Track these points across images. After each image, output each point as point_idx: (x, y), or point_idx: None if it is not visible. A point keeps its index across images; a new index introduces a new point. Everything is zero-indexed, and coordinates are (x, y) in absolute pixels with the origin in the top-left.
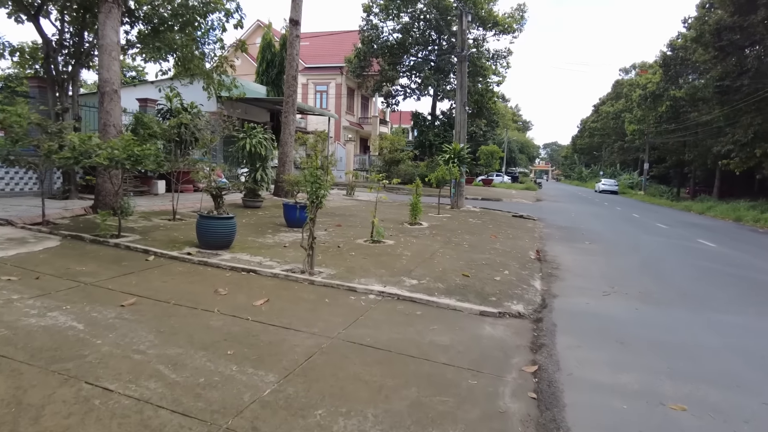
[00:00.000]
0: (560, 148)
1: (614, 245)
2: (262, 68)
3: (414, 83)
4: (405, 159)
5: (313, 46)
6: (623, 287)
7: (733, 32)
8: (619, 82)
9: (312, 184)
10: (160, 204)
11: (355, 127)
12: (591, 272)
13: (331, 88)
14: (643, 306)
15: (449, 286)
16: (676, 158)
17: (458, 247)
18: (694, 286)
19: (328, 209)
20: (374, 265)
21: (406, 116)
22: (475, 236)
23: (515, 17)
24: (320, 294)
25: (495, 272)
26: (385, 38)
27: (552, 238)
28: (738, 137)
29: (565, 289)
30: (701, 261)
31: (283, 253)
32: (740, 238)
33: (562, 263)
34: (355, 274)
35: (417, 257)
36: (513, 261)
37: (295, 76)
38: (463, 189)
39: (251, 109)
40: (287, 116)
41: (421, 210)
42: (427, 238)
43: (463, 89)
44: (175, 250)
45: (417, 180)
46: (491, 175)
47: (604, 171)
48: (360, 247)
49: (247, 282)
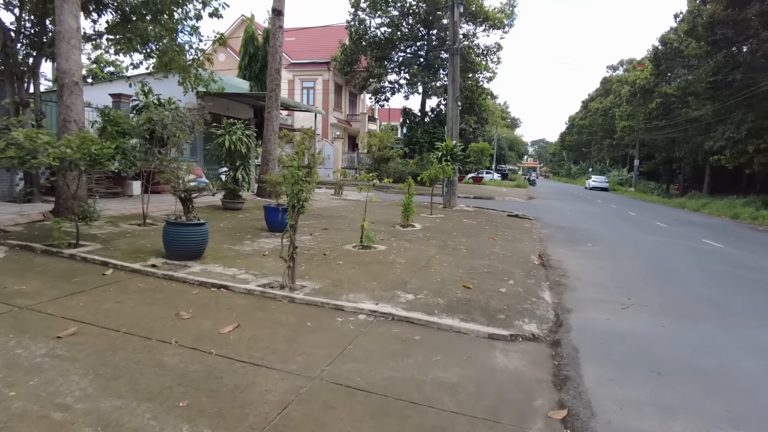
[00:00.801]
0: (548, 145)
1: (618, 247)
2: (244, 62)
3: (403, 79)
4: (394, 157)
5: (299, 42)
6: (640, 297)
7: (726, 26)
8: (608, 79)
9: (293, 186)
10: (133, 207)
11: (343, 125)
12: (601, 279)
13: (318, 84)
14: (668, 321)
15: (450, 302)
16: (666, 155)
17: (456, 252)
18: (715, 295)
19: (314, 210)
20: (364, 276)
21: (395, 113)
22: (472, 239)
23: (505, 12)
24: (301, 315)
25: (499, 282)
26: (373, 33)
27: (552, 240)
28: (730, 133)
29: (578, 301)
30: (713, 264)
31: (262, 263)
32: (744, 238)
33: (568, 269)
34: (342, 287)
35: (412, 265)
36: (516, 267)
37: (279, 70)
38: (456, 188)
39: (234, 105)
40: (270, 112)
41: (413, 211)
42: (421, 242)
43: (455, 83)
44: (138, 261)
45: (409, 179)
46: (481, 172)
47: (593, 168)
48: (348, 253)
49: (217, 301)
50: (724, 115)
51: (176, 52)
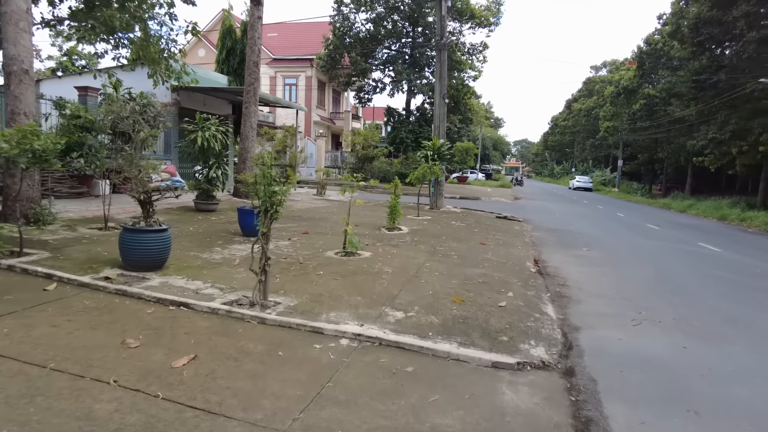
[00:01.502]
0: (530, 145)
1: (615, 252)
2: (222, 56)
3: (387, 77)
4: (379, 156)
5: (281, 37)
6: (651, 311)
7: (711, 26)
8: (591, 79)
9: (265, 188)
10: (96, 209)
11: (326, 122)
12: (605, 289)
13: (301, 81)
14: (688, 341)
15: (446, 320)
16: (648, 155)
17: (447, 258)
18: (730, 308)
19: (294, 212)
20: (347, 289)
21: (379, 112)
22: (462, 243)
23: (492, 10)
24: (272, 341)
25: (496, 294)
26: (357, 29)
27: (545, 244)
28: (713, 134)
29: (584, 316)
30: (717, 270)
31: (231, 274)
32: (739, 240)
33: (567, 277)
34: (322, 304)
35: (400, 275)
36: (512, 276)
37: (257, 63)
38: (443, 188)
39: (211, 101)
40: (248, 107)
41: (400, 213)
42: (409, 247)
43: (442, 80)
44: (89, 273)
45: (396, 180)
46: (466, 172)
47: (576, 168)
48: (330, 262)
49: (174, 323)
50: (707, 116)
51: (145, 42)
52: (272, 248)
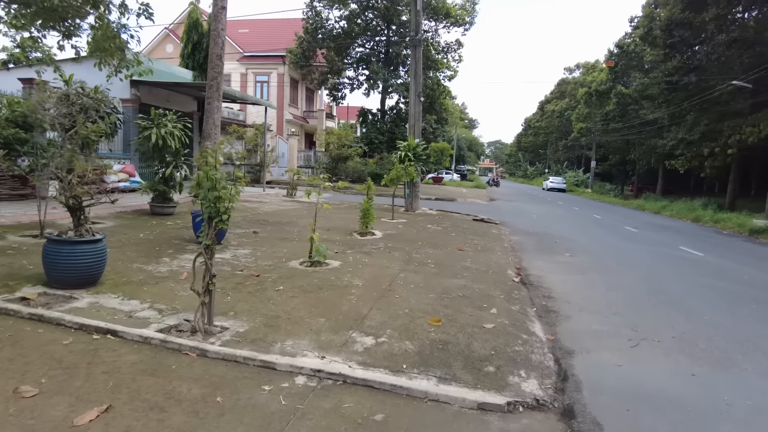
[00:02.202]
0: (504, 146)
1: (598, 258)
2: (187, 50)
3: (361, 75)
4: (353, 156)
5: (252, 34)
6: (647, 329)
7: (683, 29)
8: (564, 81)
9: (208, 193)
10: (35, 213)
11: (299, 121)
12: (593, 302)
13: (273, 78)
14: (696, 367)
15: (422, 347)
16: (620, 156)
17: (423, 267)
18: (729, 323)
19: (260, 215)
20: (310, 308)
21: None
22: (439, 249)
23: (467, 9)
24: (212, 381)
25: (478, 311)
26: (330, 26)
27: (526, 249)
28: (683, 135)
29: (576, 336)
30: (706, 278)
31: (176, 291)
32: (718, 243)
33: (552, 288)
34: (278, 329)
35: (371, 289)
36: (494, 288)
37: (221, 56)
38: (419, 189)
39: (175, 97)
40: (211, 103)
41: (373, 217)
42: (382, 254)
43: (417, 78)
44: (5, 292)
45: (369, 181)
46: (441, 172)
47: (549, 169)
48: (293, 273)
49: (93, 358)
50: (678, 118)
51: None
52: (229, 258)
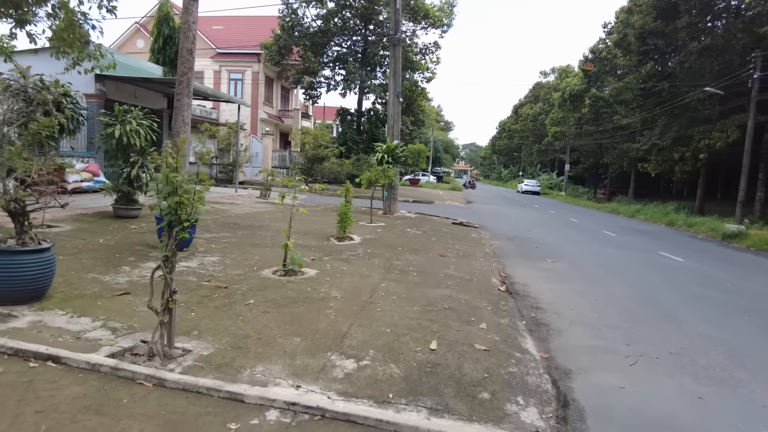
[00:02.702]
0: (478, 149)
1: (581, 264)
2: (158, 45)
3: (338, 75)
4: (330, 156)
5: (227, 30)
6: (643, 343)
7: (656, 37)
8: (539, 85)
9: (167, 198)
10: None
11: (274, 120)
12: (584, 313)
13: (247, 76)
14: (701, 388)
15: (410, 370)
16: (593, 160)
17: (405, 276)
18: (725, 336)
19: (231, 218)
20: (283, 325)
21: (330, 111)
22: (421, 256)
23: (445, 11)
24: (168, 420)
25: (466, 326)
26: (307, 24)
27: (507, 255)
28: (655, 139)
29: (571, 353)
30: (692, 286)
31: (134, 306)
32: (695, 248)
33: (539, 297)
34: (247, 351)
35: (351, 301)
36: (480, 299)
37: (191, 50)
38: (397, 192)
39: (143, 94)
40: (181, 100)
41: (351, 221)
42: (361, 261)
43: (396, 77)
44: None
45: (347, 184)
46: (418, 174)
47: (524, 172)
48: (265, 285)
49: (26, 393)
50: (650, 124)
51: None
52: (195, 266)
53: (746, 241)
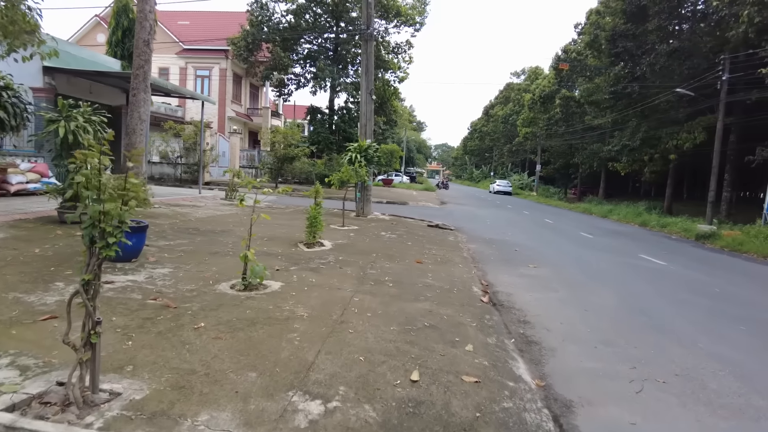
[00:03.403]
0: (450, 149)
1: (563, 269)
2: (116, 37)
3: (309, 73)
4: (300, 156)
5: (194, 26)
6: (645, 364)
7: (627, 39)
8: (510, 86)
9: (89, 207)
10: None
11: (242, 119)
12: (575, 327)
13: (215, 73)
14: (720, 421)
15: (388, 414)
16: (564, 161)
17: (380, 287)
18: (728, 353)
19: (191, 222)
20: (237, 355)
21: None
22: (396, 263)
23: (417, 9)
24: None
25: (451, 348)
26: (277, 20)
27: (487, 260)
28: (626, 140)
29: (570, 379)
30: (679, 292)
31: (59, 334)
32: (672, 250)
33: (525, 309)
34: (191, 393)
35: (320, 321)
36: (463, 312)
37: (148, 42)
38: (371, 193)
39: (100, 89)
40: (137, 95)
41: (322, 225)
42: (332, 271)
43: (369, 74)
44: None
45: (317, 185)
46: (391, 174)
47: (495, 172)
48: (221, 301)
49: None
50: (621, 125)
51: None
52: (142, 280)
53: (719, 241)
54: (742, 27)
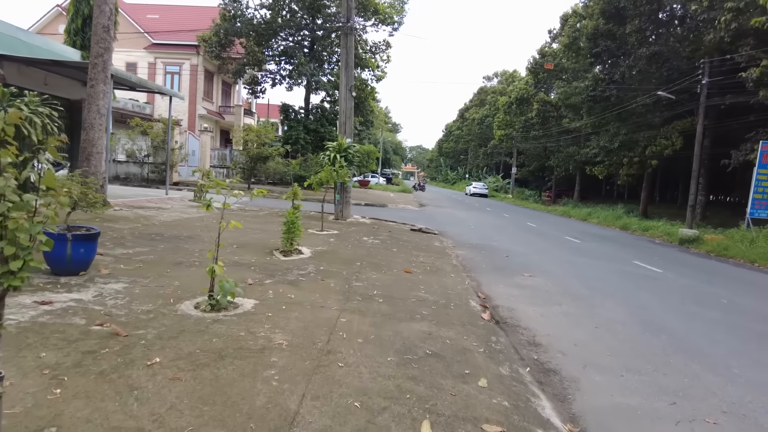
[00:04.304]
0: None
1: (561, 279)
2: (75, 25)
3: (284, 70)
4: (274, 155)
5: (163, 19)
6: (683, 397)
7: (607, 39)
8: (483, 89)
9: None
10: None
11: (214, 117)
12: (592, 350)
13: (185, 69)
14: None
15: None
16: (539, 163)
17: (369, 304)
18: (765, 376)
19: (154, 226)
20: (200, 404)
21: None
22: (384, 273)
23: (396, 7)
24: None
25: (462, 384)
26: (250, 15)
27: (478, 268)
28: (604, 143)
29: (606, 420)
30: (687, 304)
31: None
32: (662, 256)
33: (533, 328)
34: None
35: (302, 353)
36: (467, 334)
37: (108, 28)
38: (351, 195)
39: (57, 81)
40: (95, 86)
41: (300, 231)
42: (313, 284)
43: (349, 69)
44: None
45: (295, 187)
46: (367, 176)
47: (470, 174)
48: (182, 326)
49: None
50: (599, 128)
51: None
52: (89, 299)
53: (704, 246)
54: (720, 32)
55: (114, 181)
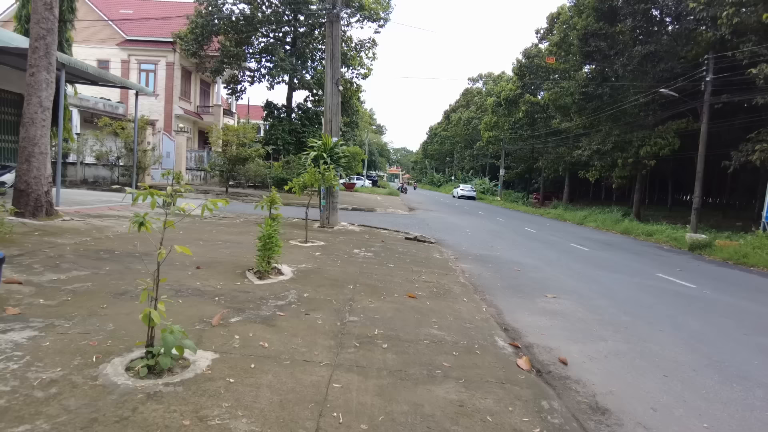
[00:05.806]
0: (409, 154)
1: (587, 299)
2: (26, 11)
3: (265, 68)
4: (254, 157)
5: (137, 15)
6: None
7: (599, 38)
8: (469, 91)
9: None
10: None
11: (192, 117)
12: (679, 418)
13: (161, 67)
14: None
15: None
16: (527, 165)
17: (371, 353)
18: None
19: (105, 240)
20: None
21: (256, 111)
22: (383, 300)
23: (382, 3)
24: None
25: None
26: (228, 11)
27: (491, 287)
28: (597, 145)
29: None
30: (750, 334)
31: None
32: (683, 266)
33: (585, 379)
34: None
35: None
36: (510, 402)
37: (51, 7)
38: (338, 200)
39: (6, 74)
40: (36, 75)
41: (279, 246)
42: (295, 322)
43: (335, 61)
44: None
45: (273, 192)
46: (353, 178)
47: (456, 177)
48: (97, 409)
49: None
50: (590, 128)
51: None
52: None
53: (719, 253)
54: (721, 29)
55: (81, 185)
